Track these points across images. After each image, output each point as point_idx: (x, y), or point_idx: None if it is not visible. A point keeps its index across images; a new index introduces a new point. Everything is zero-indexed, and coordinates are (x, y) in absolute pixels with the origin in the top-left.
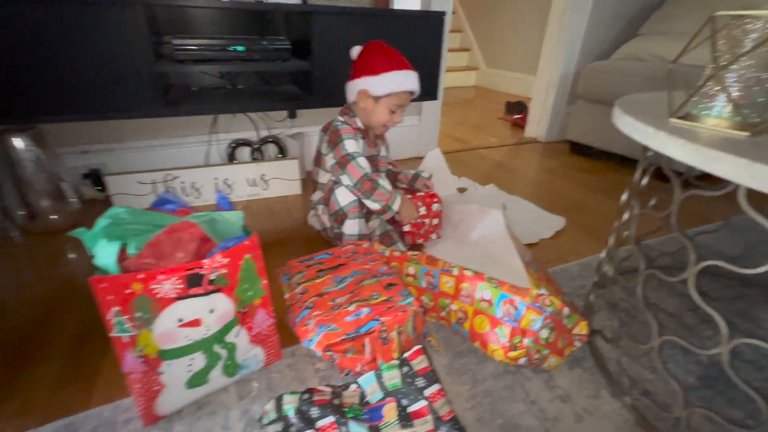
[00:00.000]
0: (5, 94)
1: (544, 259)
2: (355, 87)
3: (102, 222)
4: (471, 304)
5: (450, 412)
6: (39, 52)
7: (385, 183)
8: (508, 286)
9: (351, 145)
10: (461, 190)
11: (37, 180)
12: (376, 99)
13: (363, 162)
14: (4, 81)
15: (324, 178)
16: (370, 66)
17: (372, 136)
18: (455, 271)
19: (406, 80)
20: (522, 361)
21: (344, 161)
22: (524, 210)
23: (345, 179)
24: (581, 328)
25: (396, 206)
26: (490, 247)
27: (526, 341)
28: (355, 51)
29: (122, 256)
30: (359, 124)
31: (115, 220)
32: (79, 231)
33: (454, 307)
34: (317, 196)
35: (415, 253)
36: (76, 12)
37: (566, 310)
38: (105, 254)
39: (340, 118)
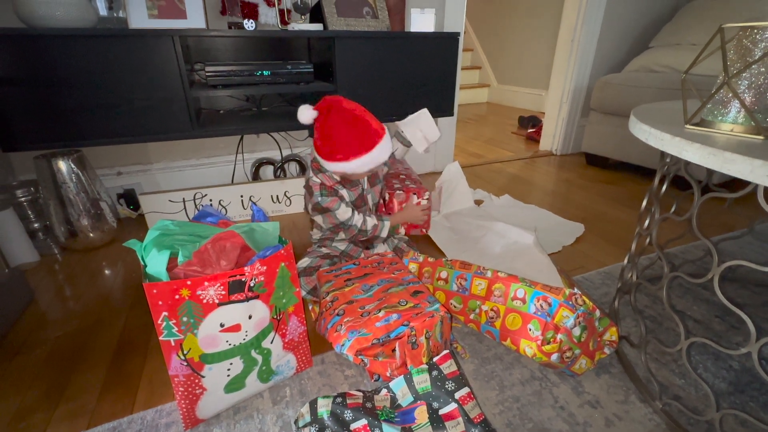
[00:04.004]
0: (54, 120)
1: (565, 268)
2: (329, 167)
3: (152, 233)
4: (504, 303)
5: (480, 415)
6: (85, 81)
7: (370, 222)
8: (541, 285)
9: (342, 213)
10: (478, 203)
11: (78, 200)
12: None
13: (357, 221)
14: (53, 108)
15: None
16: (338, 153)
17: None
18: (488, 274)
19: (379, 156)
20: (554, 357)
21: (340, 227)
22: (542, 218)
23: (341, 235)
24: (611, 334)
25: (385, 232)
26: (516, 260)
27: (560, 336)
28: (306, 115)
29: (171, 264)
30: (336, 177)
31: (164, 231)
32: (132, 242)
33: (485, 307)
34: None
35: (449, 259)
36: (120, 45)
37: (598, 312)
38: (156, 262)
39: (316, 180)
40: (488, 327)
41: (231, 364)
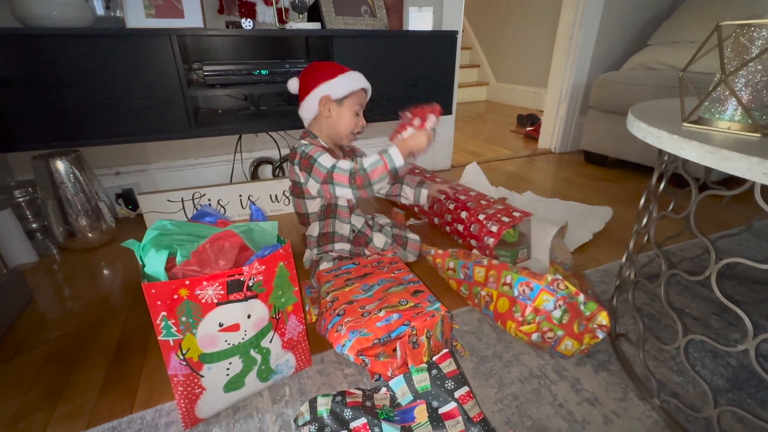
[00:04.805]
0: (51, 120)
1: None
2: (314, 98)
3: (151, 233)
4: (496, 288)
5: (479, 414)
6: (82, 81)
7: (368, 159)
8: (527, 272)
9: (326, 160)
10: (503, 200)
11: (77, 200)
12: (340, 103)
13: (343, 164)
14: (50, 108)
15: (314, 206)
16: (323, 75)
17: (339, 154)
18: (485, 261)
19: (360, 78)
20: (535, 336)
21: (329, 177)
22: (569, 209)
23: (339, 191)
24: (602, 318)
25: (398, 160)
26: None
27: (539, 318)
28: (294, 83)
29: (169, 264)
30: (323, 144)
31: (162, 231)
32: (130, 242)
33: (483, 293)
34: (315, 230)
35: (455, 249)
36: (118, 44)
37: (581, 297)
38: (154, 262)
39: (303, 142)
40: (486, 310)
41: (230, 363)
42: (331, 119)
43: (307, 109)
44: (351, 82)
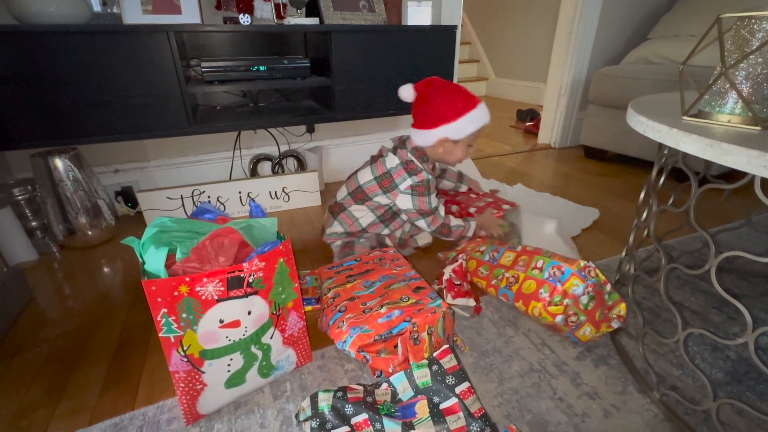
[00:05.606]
0: (49, 118)
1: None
2: (433, 136)
3: (150, 230)
4: (524, 271)
5: (480, 409)
6: (80, 78)
7: (456, 221)
8: (559, 257)
9: (434, 199)
10: (493, 192)
11: (76, 198)
12: (456, 142)
13: (442, 211)
14: (48, 106)
15: (384, 201)
16: (443, 115)
17: (437, 169)
18: (518, 248)
19: (482, 115)
20: (559, 319)
21: (428, 213)
22: (557, 205)
23: (421, 224)
24: (620, 309)
25: (470, 233)
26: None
27: (567, 301)
28: (408, 93)
29: (169, 261)
30: (428, 167)
31: (162, 228)
32: (130, 239)
33: (507, 274)
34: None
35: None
36: (115, 41)
37: (608, 286)
38: (154, 259)
39: (421, 167)
40: (505, 290)
41: (231, 359)
42: (444, 153)
43: (423, 140)
44: (473, 125)
